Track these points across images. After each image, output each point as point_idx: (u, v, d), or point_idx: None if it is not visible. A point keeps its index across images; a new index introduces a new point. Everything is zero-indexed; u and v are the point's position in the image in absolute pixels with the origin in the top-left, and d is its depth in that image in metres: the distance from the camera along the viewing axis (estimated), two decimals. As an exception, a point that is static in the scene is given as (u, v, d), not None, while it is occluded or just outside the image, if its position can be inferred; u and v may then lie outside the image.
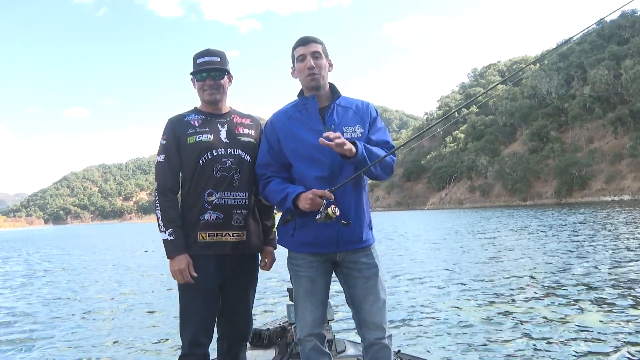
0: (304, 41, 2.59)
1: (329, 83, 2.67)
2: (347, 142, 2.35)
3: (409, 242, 21.15)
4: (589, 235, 18.34)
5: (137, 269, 15.95)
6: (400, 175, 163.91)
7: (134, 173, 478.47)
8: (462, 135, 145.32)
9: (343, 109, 2.63)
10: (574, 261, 11.58)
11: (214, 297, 2.70)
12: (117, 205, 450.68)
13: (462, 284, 9.56)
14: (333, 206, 2.31)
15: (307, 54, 2.56)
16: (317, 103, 2.59)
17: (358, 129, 2.59)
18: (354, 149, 2.37)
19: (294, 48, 2.61)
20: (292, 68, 2.66)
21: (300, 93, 2.68)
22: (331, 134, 2.34)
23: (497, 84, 3.31)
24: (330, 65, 2.67)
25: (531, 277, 9.76)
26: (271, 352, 3.58)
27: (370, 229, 2.65)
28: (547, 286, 8.67)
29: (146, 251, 23.96)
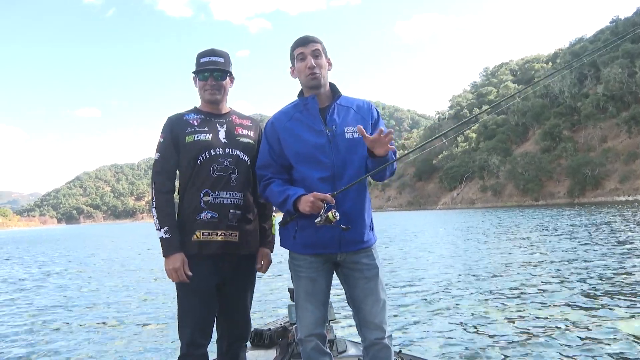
0: (304, 41, 2.56)
1: (329, 83, 2.64)
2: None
3: (418, 242, 21.07)
4: (609, 236, 18.11)
5: (142, 270, 15.99)
6: (411, 175, 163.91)
7: (146, 173, 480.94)
8: (474, 135, 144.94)
9: (344, 108, 2.61)
10: (591, 262, 11.45)
11: (210, 297, 2.67)
12: (129, 204, 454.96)
13: (467, 284, 9.50)
14: (333, 210, 2.31)
15: (307, 53, 2.53)
16: (318, 103, 2.56)
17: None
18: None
19: (293, 48, 2.58)
20: (291, 68, 2.63)
21: (300, 93, 2.65)
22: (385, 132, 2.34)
23: (485, 110, 2.99)
24: (330, 64, 2.64)
25: (544, 279, 9.64)
26: (272, 352, 3.57)
27: (372, 229, 2.62)
28: (560, 288, 8.56)
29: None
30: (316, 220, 2.31)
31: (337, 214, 2.30)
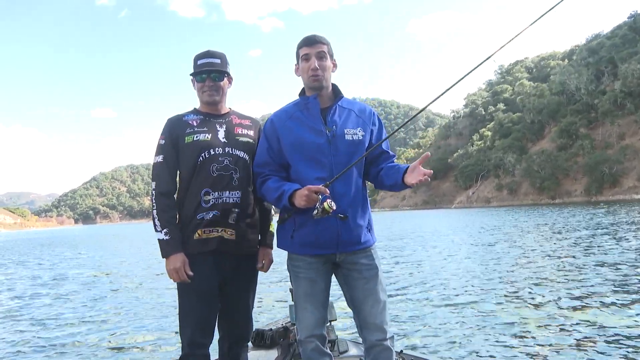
0: (310, 41, 2.54)
1: (332, 84, 2.63)
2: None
3: (426, 243, 20.97)
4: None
5: (147, 270, 16.08)
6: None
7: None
8: (489, 133, 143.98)
9: (345, 110, 2.60)
10: (595, 261, 11.28)
11: (211, 297, 2.66)
12: (145, 204, 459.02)
13: (474, 285, 9.42)
14: (329, 200, 2.29)
15: (312, 54, 2.51)
16: (319, 103, 2.55)
17: (359, 131, 2.56)
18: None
19: (299, 47, 2.57)
20: (296, 65, 2.62)
21: (302, 92, 2.64)
22: (429, 172, 2.37)
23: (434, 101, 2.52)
24: (335, 65, 2.62)
25: (552, 279, 9.51)
26: (273, 353, 3.56)
27: (370, 230, 2.60)
28: (569, 290, 8.44)
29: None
30: (313, 213, 2.30)
31: (332, 203, 2.28)
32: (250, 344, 3.26)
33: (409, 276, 10.94)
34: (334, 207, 2.29)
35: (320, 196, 2.30)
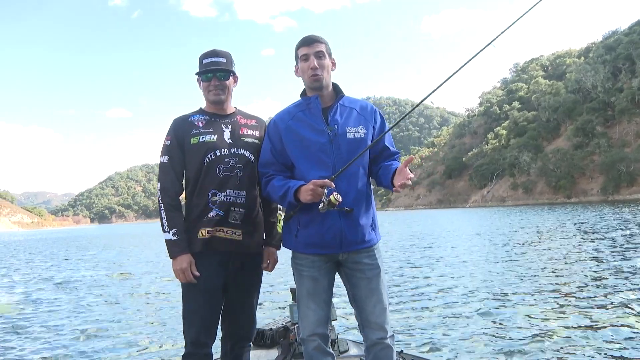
0: (308, 41, 2.56)
1: (333, 83, 2.65)
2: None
3: (433, 242, 20.85)
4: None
5: (150, 270, 16.14)
6: (441, 173, 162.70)
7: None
8: (504, 132, 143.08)
9: (346, 109, 2.61)
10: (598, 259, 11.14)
11: (215, 297, 2.67)
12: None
13: (476, 284, 9.36)
14: (335, 193, 2.31)
15: (311, 54, 2.53)
16: (321, 103, 2.56)
17: (361, 129, 2.56)
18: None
19: (298, 47, 2.59)
20: (295, 66, 2.64)
21: (303, 93, 2.66)
22: (410, 175, 2.38)
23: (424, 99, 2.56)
24: (334, 64, 2.64)
25: (562, 282, 9.39)
26: (274, 352, 3.56)
27: (374, 228, 2.60)
28: (577, 290, 8.32)
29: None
30: (319, 207, 2.32)
31: (338, 196, 2.30)
32: (250, 343, 3.25)
33: (413, 276, 10.89)
34: (340, 200, 2.31)
35: (325, 190, 2.33)
